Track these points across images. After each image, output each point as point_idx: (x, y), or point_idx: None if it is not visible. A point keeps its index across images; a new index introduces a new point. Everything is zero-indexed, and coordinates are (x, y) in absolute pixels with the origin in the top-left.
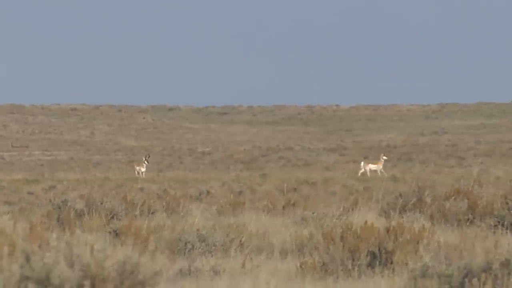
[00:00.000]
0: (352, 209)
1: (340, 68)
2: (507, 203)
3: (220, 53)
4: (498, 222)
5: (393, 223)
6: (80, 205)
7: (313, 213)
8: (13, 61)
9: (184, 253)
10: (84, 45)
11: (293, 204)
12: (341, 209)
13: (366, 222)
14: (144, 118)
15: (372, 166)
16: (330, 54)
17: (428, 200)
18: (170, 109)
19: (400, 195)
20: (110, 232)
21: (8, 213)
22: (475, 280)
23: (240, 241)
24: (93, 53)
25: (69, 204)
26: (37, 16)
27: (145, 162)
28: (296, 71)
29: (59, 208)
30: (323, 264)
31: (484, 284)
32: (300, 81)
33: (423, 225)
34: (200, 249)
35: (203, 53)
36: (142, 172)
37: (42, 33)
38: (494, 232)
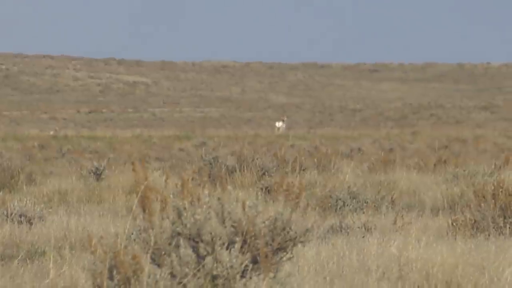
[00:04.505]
0: (504, 167)
1: (491, 25)
2: None
3: (368, 10)
4: None
5: None
6: (231, 161)
7: (464, 170)
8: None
9: (335, 210)
10: (236, 4)
11: (444, 162)
12: (493, 166)
13: None
14: (295, 75)
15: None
16: (481, 12)
17: None
18: (321, 66)
19: None
20: (261, 189)
21: (159, 169)
22: None
23: (391, 198)
24: (245, 11)
25: (220, 161)
26: None
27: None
28: (446, 28)
29: (210, 164)
30: (475, 221)
31: None
32: (451, 38)
33: None
34: (351, 206)
35: (354, 11)
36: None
37: None
38: None
